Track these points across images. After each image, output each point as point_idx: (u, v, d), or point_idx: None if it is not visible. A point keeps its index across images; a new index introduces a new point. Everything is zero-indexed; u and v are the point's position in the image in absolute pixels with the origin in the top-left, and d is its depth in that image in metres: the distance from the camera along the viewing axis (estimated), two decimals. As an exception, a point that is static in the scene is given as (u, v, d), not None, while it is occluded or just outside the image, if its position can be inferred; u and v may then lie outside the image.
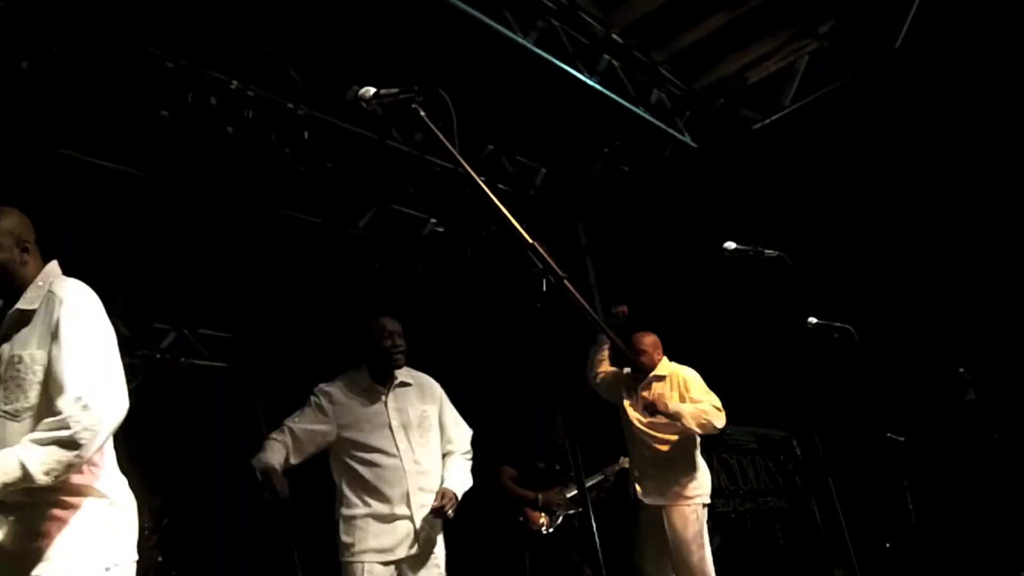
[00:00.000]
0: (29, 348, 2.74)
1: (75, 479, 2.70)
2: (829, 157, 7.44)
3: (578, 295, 2.33)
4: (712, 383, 5.71)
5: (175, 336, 8.22)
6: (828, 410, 6.21)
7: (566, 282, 2.32)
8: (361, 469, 4.30)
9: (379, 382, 4.45)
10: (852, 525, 5.10)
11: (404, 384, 4.50)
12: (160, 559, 6.62)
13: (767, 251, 4.66)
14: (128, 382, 2.82)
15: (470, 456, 4.67)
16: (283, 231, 7.05)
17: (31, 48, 4.95)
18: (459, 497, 4.39)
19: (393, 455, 4.32)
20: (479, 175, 2.51)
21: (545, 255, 2.34)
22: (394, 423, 4.37)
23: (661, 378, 5.65)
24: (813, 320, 5.27)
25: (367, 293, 8.12)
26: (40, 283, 2.85)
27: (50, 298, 2.79)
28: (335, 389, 4.42)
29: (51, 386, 2.67)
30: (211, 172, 6.19)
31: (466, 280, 8.06)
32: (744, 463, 9.37)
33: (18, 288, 2.85)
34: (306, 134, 6.17)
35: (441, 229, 7.86)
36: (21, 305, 2.81)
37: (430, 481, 4.38)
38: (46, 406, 2.68)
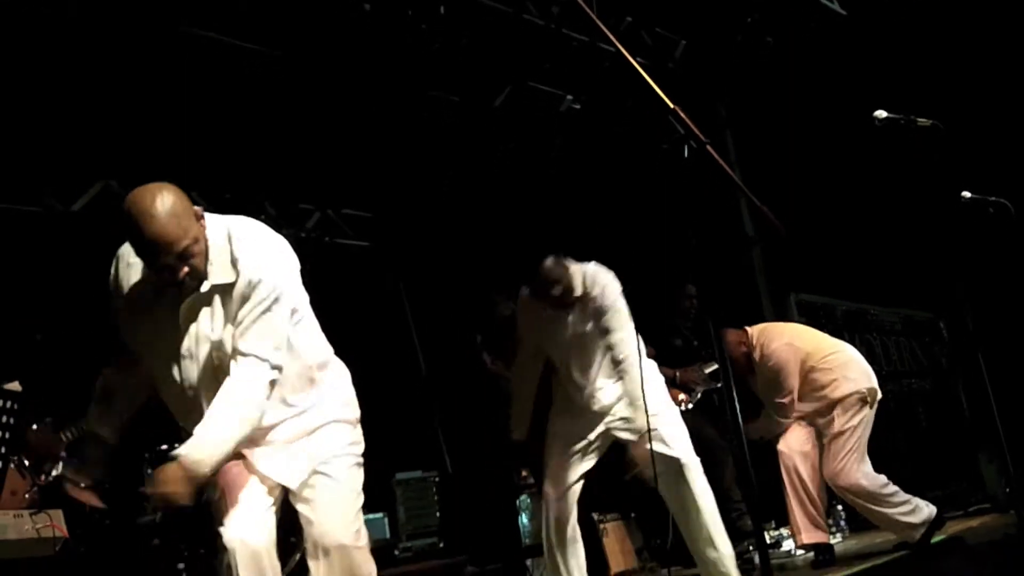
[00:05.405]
0: None
1: None
2: (986, 21, 7.02)
3: (721, 160, 2.28)
4: (856, 261, 5.58)
5: (319, 216, 8.41)
6: (981, 290, 5.98)
7: (708, 147, 2.28)
8: None
9: None
10: (1003, 408, 4.95)
11: None
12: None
13: (920, 120, 4.43)
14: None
15: None
16: (421, 109, 7.09)
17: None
18: None
19: None
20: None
21: (687, 120, 2.29)
22: None
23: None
24: (967, 194, 5.03)
25: (504, 172, 8.15)
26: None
27: None
28: None
29: None
30: (349, 50, 6.23)
31: (604, 157, 7.99)
32: (887, 344, 9.19)
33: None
34: (442, 9, 6.14)
35: (578, 106, 7.76)
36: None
37: None
38: None
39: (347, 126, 6.95)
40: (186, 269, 2.80)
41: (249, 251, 2.94)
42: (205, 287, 2.90)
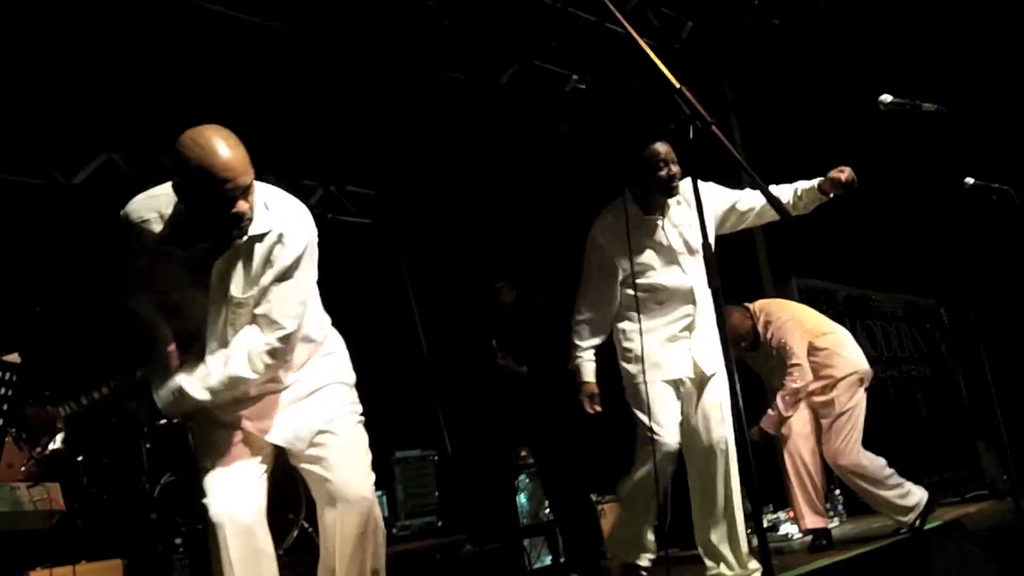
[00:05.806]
0: None
1: None
2: (993, 6, 6.98)
3: (726, 140, 2.27)
4: (859, 247, 5.56)
5: (323, 192, 8.41)
6: (983, 277, 5.97)
7: (714, 128, 2.27)
8: None
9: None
10: (1003, 397, 4.95)
11: None
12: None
13: (925, 105, 4.41)
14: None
15: None
16: (427, 87, 7.06)
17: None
18: None
19: None
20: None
21: (693, 100, 2.28)
22: None
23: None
24: (970, 180, 5.00)
25: (508, 150, 8.13)
26: None
27: None
28: None
29: None
30: (355, 26, 6.20)
31: (609, 136, 7.95)
32: (888, 330, 9.19)
33: None
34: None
35: (584, 85, 7.71)
36: None
37: None
38: None
39: (351, 103, 6.93)
40: (246, 205, 2.75)
41: (278, 212, 2.92)
42: (243, 240, 2.84)
